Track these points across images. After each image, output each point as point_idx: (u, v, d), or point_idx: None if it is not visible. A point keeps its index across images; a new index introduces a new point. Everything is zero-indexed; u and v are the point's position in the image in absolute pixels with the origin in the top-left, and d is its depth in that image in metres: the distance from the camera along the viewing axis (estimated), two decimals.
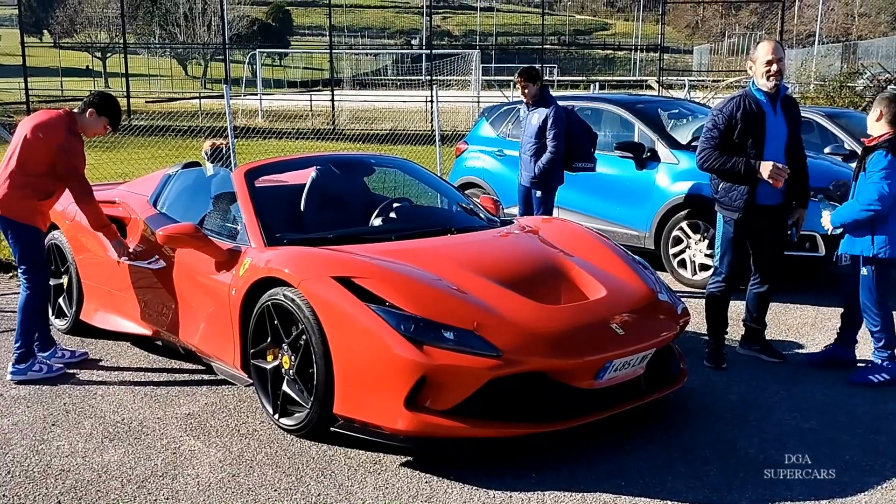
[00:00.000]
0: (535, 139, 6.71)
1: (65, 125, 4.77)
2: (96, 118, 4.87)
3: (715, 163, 4.85)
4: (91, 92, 5.06)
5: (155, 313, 4.98)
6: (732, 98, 4.92)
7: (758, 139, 4.79)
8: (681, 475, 3.61)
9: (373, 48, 61.47)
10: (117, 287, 5.20)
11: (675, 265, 7.13)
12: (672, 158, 7.22)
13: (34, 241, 4.81)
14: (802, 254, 6.63)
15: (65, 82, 40.48)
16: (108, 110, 4.91)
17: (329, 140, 19.57)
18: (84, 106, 4.87)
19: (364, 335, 3.65)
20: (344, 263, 3.97)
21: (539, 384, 3.70)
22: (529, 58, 56.78)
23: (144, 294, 5.04)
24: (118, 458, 3.77)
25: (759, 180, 4.76)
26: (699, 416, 4.26)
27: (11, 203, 4.70)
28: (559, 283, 4.20)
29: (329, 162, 5.37)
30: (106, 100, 4.95)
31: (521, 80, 6.81)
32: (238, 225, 4.65)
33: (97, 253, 5.23)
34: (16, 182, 4.70)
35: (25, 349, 4.76)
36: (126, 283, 5.14)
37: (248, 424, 4.14)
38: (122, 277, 5.15)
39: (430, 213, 5.37)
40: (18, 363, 4.75)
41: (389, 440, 3.65)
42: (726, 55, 43.48)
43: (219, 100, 33.36)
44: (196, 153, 15.69)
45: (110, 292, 5.27)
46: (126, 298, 5.17)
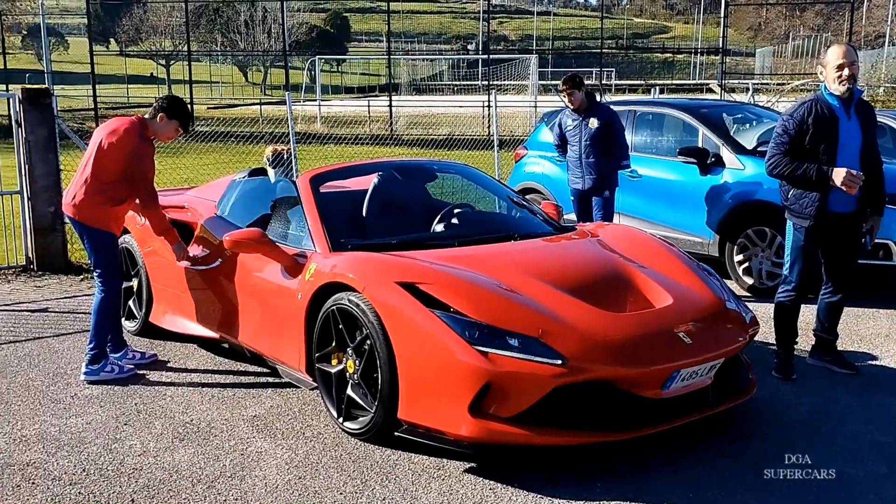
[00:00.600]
0: (597, 143, 6.84)
1: (137, 131, 4.90)
2: (167, 122, 4.99)
3: (785, 169, 4.74)
4: (158, 97, 5.18)
5: (222, 317, 5.07)
6: (804, 103, 4.80)
7: (830, 145, 4.66)
8: (752, 487, 3.54)
9: (429, 53, 61.76)
10: (185, 290, 5.32)
11: (741, 273, 6.98)
12: (738, 164, 7.08)
13: (109, 246, 4.96)
14: (876, 262, 6.43)
15: (130, 89, 41.62)
16: (178, 113, 5.02)
17: (387, 145, 19.72)
18: (154, 111, 5.00)
19: (429, 341, 3.66)
20: (409, 269, 4.00)
21: (605, 393, 3.66)
22: (587, 62, 56.35)
23: (211, 298, 5.15)
24: (188, 457, 3.85)
25: (831, 187, 4.63)
26: (768, 427, 4.16)
27: (87, 209, 4.85)
28: (624, 290, 4.15)
29: (392, 168, 5.40)
30: (175, 103, 5.07)
31: (566, 88, 7.01)
32: (302, 230, 4.71)
33: (166, 256, 5.36)
34: (91, 188, 4.84)
35: (98, 350, 4.90)
36: (194, 287, 5.25)
37: (312, 427, 4.19)
38: (190, 281, 5.26)
39: (492, 219, 5.37)
40: (91, 364, 4.89)
41: (453, 446, 3.66)
42: (790, 58, 42.45)
43: (278, 106, 33.95)
44: (257, 159, 16.02)
45: (178, 295, 5.39)
46: (194, 302, 5.28)
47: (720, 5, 29.03)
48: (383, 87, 49.86)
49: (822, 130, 4.66)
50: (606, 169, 7.00)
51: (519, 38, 75.62)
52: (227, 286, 4.97)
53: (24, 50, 56.71)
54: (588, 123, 6.93)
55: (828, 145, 4.66)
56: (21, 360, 5.26)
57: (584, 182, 7.00)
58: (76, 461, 3.81)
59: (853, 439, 4.02)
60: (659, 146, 7.96)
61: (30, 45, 58.15)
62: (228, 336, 5.06)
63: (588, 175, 6.96)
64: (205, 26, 50.06)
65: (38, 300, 6.87)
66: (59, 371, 5.06)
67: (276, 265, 4.56)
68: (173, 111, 5.00)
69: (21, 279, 7.60)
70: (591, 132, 6.91)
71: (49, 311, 6.50)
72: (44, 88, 8.10)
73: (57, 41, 58.84)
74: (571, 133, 7.09)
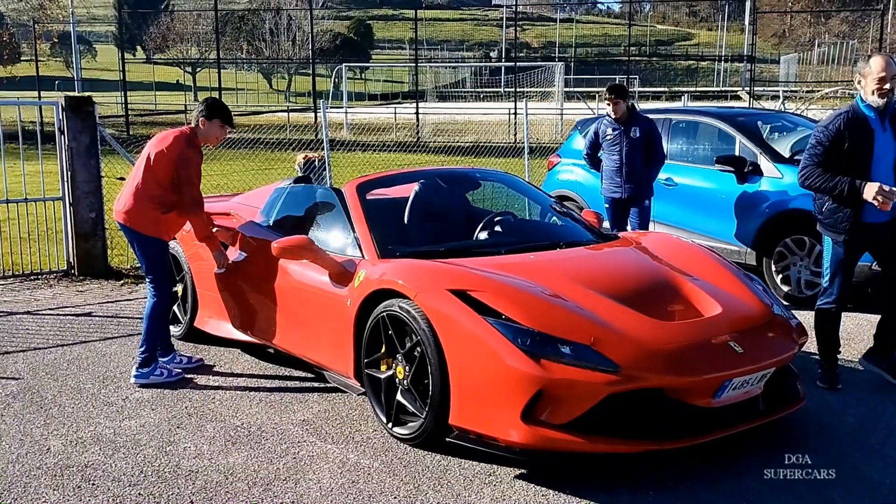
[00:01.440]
0: (639, 153, 6.99)
1: (185, 139, 5.00)
2: (209, 124, 5.07)
3: (817, 181, 4.70)
4: (195, 106, 5.26)
5: (266, 323, 5.14)
6: (839, 114, 4.76)
7: (865, 157, 4.62)
8: (804, 498, 3.54)
9: (452, 61, 61.93)
10: (231, 296, 5.39)
11: (779, 282, 6.96)
12: (776, 172, 7.07)
13: (159, 252, 5.05)
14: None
15: (158, 96, 42.10)
16: (217, 112, 5.10)
17: (414, 152, 19.80)
18: (196, 119, 5.09)
19: (481, 348, 3.70)
20: (459, 276, 4.04)
21: (656, 401, 3.68)
22: (610, 69, 56.28)
23: (257, 304, 5.21)
24: (242, 460, 3.91)
25: (864, 200, 4.59)
26: (817, 438, 4.15)
27: (138, 216, 4.94)
28: (672, 299, 4.17)
29: (436, 176, 5.45)
30: (212, 104, 5.14)
31: (612, 97, 7.02)
32: (347, 237, 4.76)
33: (211, 262, 5.44)
34: (141, 195, 4.94)
35: (149, 354, 4.98)
36: (240, 292, 5.32)
37: (361, 432, 4.23)
38: (235, 287, 5.33)
39: (537, 227, 5.40)
40: (142, 367, 4.97)
41: (505, 452, 3.69)
42: (816, 65, 42.16)
43: (303, 113, 34.18)
44: (286, 165, 16.14)
45: (224, 301, 5.46)
46: (238, 307, 5.35)
47: (744, 12, 28.93)
48: (407, 94, 50.13)
49: (857, 142, 4.63)
50: (646, 178, 7.11)
51: (541, 46, 75.64)
52: (272, 292, 5.03)
53: (53, 57, 57.58)
54: (630, 132, 7.01)
55: (862, 157, 4.62)
56: (70, 364, 5.36)
57: (624, 191, 7.06)
58: (133, 463, 3.88)
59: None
60: (695, 154, 7.97)
61: (59, 52, 59.07)
62: (273, 342, 5.12)
63: (628, 184, 7.02)
64: (230, 34, 50.51)
65: (82, 304, 6.99)
66: (109, 374, 5.15)
67: (323, 272, 4.62)
68: (212, 112, 5.08)
69: (63, 284, 7.72)
70: (633, 141, 7.01)
71: (93, 316, 6.61)
72: (87, 97, 8.24)
73: (85, 48, 59.62)
74: (611, 142, 7.13)
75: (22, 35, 43.62)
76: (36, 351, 5.65)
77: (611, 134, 7.11)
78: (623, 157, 7.05)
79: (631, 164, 7.04)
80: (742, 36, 58.24)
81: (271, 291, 5.05)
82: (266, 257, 5.06)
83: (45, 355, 5.54)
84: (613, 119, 7.09)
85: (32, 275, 7.92)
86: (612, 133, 7.11)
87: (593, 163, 7.53)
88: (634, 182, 7.05)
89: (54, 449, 4.05)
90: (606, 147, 7.19)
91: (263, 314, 5.17)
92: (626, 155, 7.04)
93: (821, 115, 17.51)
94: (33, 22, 34.72)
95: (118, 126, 26.19)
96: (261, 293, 5.17)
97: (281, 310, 4.98)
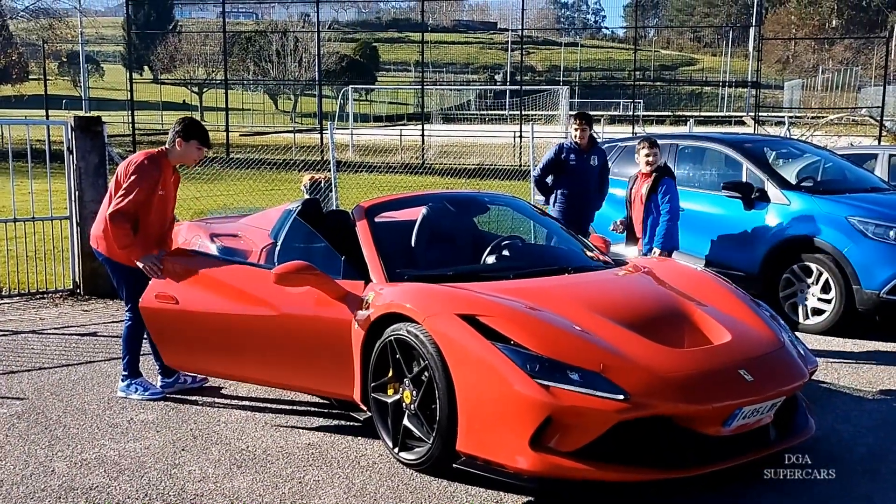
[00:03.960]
0: (595, 181, 7.28)
1: (147, 156, 4.97)
2: (186, 145, 5.02)
3: None
4: (173, 125, 5.17)
5: (251, 358, 4.77)
6: None
7: None
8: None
9: (458, 83, 62.27)
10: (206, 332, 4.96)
11: (786, 309, 6.93)
12: (783, 199, 7.07)
13: (136, 279, 5.00)
14: None
15: (164, 116, 42.34)
16: (193, 133, 5.03)
17: (419, 174, 19.85)
18: (171, 140, 5.04)
19: (489, 373, 3.67)
20: (468, 301, 4.02)
21: (665, 429, 3.65)
22: (614, 93, 56.55)
23: (235, 339, 4.81)
24: (247, 484, 3.88)
25: None
26: (828, 467, 4.11)
27: (110, 242, 4.94)
28: (681, 325, 4.15)
29: (444, 200, 5.45)
30: (188, 126, 5.06)
31: (582, 124, 7.14)
32: (352, 260, 4.68)
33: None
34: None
35: (129, 370, 5.10)
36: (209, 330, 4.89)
37: (367, 457, 4.20)
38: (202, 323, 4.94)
39: (546, 252, 5.39)
40: (123, 380, 5.11)
41: (513, 479, 3.65)
42: (819, 91, 42.30)
43: (309, 134, 34.33)
44: (291, 186, 16.19)
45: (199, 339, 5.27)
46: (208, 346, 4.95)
47: (748, 38, 29.06)
48: (412, 115, 50.36)
49: None
50: (596, 206, 7.39)
51: (546, 69, 76.00)
52: (254, 325, 4.68)
53: (61, 76, 57.96)
54: (591, 160, 7.20)
55: None
56: (75, 384, 5.34)
57: (581, 214, 7.20)
58: (138, 486, 3.86)
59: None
60: (702, 180, 7.98)
61: (66, 71, 59.46)
62: (259, 378, 4.86)
63: (585, 208, 7.26)
64: (237, 55, 50.88)
65: (87, 324, 6.98)
66: (114, 395, 5.13)
67: (326, 297, 4.43)
68: (188, 133, 5.02)
69: (68, 303, 7.72)
70: (592, 169, 7.22)
71: (98, 336, 6.60)
72: (96, 117, 8.28)
73: (93, 68, 60.06)
74: (574, 167, 7.18)
75: (31, 54, 43.97)
76: (41, 371, 5.64)
77: (574, 159, 7.18)
78: (582, 182, 7.17)
79: (588, 190, 7.21)
80: (746, 61, 58.52)
81: (253, 324, 4.70)
82: (236, 288, 4.78)
83: (49, 375, 5.53)
84: (577, 145, 7.15)
85: (38, 293, 7.92)
86: (574, 158, 7.17)
87: (544, 187, 7.32)
88: (590, 208, 7.29)
89: (59, 471, 4.02)
90: (569, 171, 7.17)
91: (244, 349, 4.77)
92: (584, 181, 7.18)
93: (825, 141, 17.55)
94: (42, 41, 34.96)
95: (125, 145, 26.29)
96: (241, 326, 4.75)
97: (269, 342, 4.64)
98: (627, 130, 24.45)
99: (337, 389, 4.51)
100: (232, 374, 5.00)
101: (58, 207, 8.46)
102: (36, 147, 9.57)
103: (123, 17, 41.06)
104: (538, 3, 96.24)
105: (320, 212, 5.31)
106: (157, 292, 4.92)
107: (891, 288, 6.43)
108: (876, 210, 6.75)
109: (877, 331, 6.72)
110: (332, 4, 66.12)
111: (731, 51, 66.81)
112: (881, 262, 6.48)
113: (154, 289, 4.93)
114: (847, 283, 6.56)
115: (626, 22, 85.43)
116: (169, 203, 5.18)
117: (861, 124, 25.01)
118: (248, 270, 4.88)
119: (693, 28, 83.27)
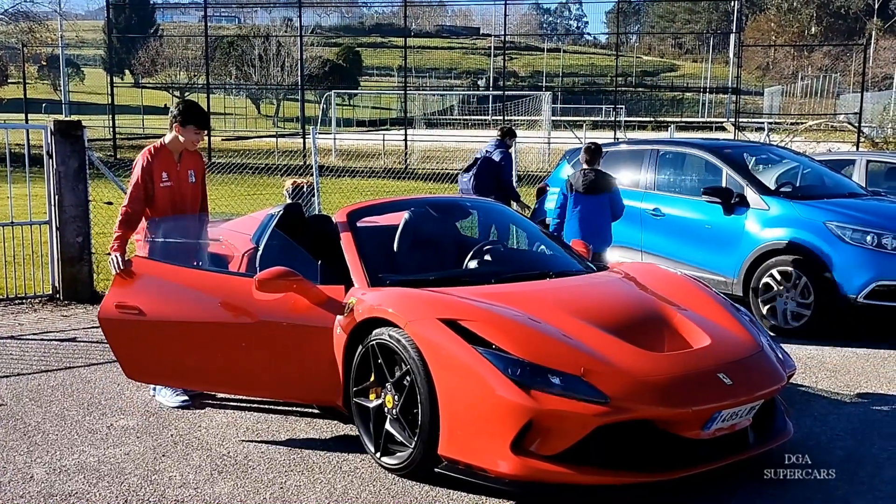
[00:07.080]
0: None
1: (148, 150, 5.11)
2: (184, 130, 5.09)
3: None
4: (171, 111, 5.20)
5: (226, 369, 4.66)
6: None
7: None
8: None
9: (441, 88, 62.34)
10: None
11: (765, 313, 7.00)
12: (762, 204, 7.14)
13: None
14: None
15: (146, 120, 42.04)
16: (190, 118, 5.10)
17: (402, 179, 19.85)
18: (170, 125, 5.11)
19: (471, 378, 3.69)
20: (450, 305, 4.04)
21: (645, 433, 3.68)
22: (596, 98, 56.78)
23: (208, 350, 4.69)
24: (228, 490, 3.86)
25: None
26: (803, 469, 4.15)
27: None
28: (661, 330, 4.18)
29: (427, 204, 5.46)
30: (185, 110, 5.12)
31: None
32: (333, 265, 4.69)
33: None
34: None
35: None
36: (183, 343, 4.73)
37: (348, 462, 4.20)
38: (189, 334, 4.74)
39: (527, 257, 5.42)
40: None
41: (494, 483, 3.67)
42: (799, 97, 42.71)
43: (291, 138, 34.22)
44: (274, 190, 16.14)
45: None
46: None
47: (729, 45, 29.31)
48: (395, 120, 50.32)
49: None
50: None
51: (529, 75, 76.19)
52: (230, 332, 4.58)
53: (40, 80, 57.46)
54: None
55: None
56: (54, 390, 5.30)
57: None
58: (118, 492, 3.83)
59: (894, 485, 4.00)
60: (682, 185, 8.04)
61: (46, 75, 58.95)
62: (239, 390, 4.84)
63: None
64: (219, 59, 50.64)
65: (66, 329, 6.92)
66: (94, 401, 5.09)
67: (307, 302, 4.39)
68: (186, 117, 5.08)
69: (47, 308, 7.65)
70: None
71: (78, 341, 6.55)
72: (76, 121, 8.22)
73: (73, 72, 59.57)
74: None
75: (10, 57, 43.59)
76: (19, 377, 5.59)
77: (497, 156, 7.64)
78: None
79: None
80: (726, 68, 58.96)
81: (229, 331, 4.58)
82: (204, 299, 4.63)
83: (28, 381, 5.48)
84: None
85: (17, 299, 7.84)
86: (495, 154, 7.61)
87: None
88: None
89: (38, 477, 3.99)
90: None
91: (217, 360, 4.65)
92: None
93: (804, 147, 17.72)
94: (22, 45, 34.68)
95: (105, 149, 26.13)
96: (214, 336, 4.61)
97: (245, 351, 4.51)
98: (609, 136, 24.57)
99: (320, 396, 4.51)
100: (207, 387, 4.90)
101: (37, 212, 8.40)
102: (15, 151, 9.48)
103: (104, 21, 40.77)
104: (521, 8, 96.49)
105: (302, 217, 5.31)
106: (116, 301, 4.68)
107: (868, 292, 6.51)
108: (854, 215, 6.83)
109: (854, 335, 6.80)
110: (314, 9, 65.91)
111: (712, 57, 67.30)
112: (859, 266, 6.56)
113: (114, 298, 4.69)
114: (825, 288, 6.64)
115: (608, 28, 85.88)
116: (185, 195, 5.18)
117: (839, 130, 25.31)
118: (221, 278, 4.79)
119: (674, 35, 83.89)
